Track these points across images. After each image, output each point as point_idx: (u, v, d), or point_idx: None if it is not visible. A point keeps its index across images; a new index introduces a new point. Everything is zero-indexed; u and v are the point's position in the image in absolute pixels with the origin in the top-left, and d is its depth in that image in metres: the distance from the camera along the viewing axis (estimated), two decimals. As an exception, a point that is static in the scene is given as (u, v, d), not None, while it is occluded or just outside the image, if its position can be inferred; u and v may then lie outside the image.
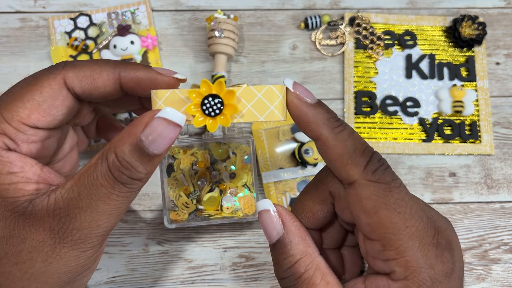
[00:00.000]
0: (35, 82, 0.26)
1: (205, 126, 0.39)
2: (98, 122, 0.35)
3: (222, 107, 0.25)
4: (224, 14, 0.44)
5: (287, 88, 0.25)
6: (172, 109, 0.23)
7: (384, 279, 0.23)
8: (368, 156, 0.24)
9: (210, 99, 0.24)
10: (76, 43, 0.45)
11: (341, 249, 0.29)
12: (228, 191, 0.39)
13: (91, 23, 0.46)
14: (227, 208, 0.39)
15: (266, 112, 0.25)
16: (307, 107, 0.24)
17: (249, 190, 0.39)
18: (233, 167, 0.40)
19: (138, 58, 0.45)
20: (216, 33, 0.43)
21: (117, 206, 0.24)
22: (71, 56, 0.45)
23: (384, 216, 0.22)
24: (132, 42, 0.44)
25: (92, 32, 0.46)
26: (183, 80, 0.28)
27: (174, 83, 0.27)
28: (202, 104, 0.24)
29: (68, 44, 0.45)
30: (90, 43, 0.45)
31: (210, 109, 0.24)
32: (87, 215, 0.24)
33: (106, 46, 0.45)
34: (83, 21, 0.46)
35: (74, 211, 0.23)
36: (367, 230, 0.23)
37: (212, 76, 0.44)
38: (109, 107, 0.32)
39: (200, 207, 0.39)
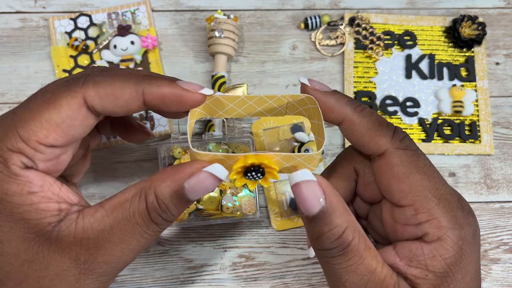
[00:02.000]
0: (53, 100, 0.24)
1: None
2: (112, 122, 0.34)
3: (263, 175, 0.25)
4: (224, 14, 0.44)
5: (304, 84, 0.26)
6: (220, 166, 0.24)
7: (416, 243, 0.23)
8: (392, 128, 0.25)
9: (254, 173, 0.25)
10: (76, 43, 0.45)
11: None
12: (228, 191, 0.39)
13: (91, 23, 0.46)
14: (227, 208, 0.39)
15: (300, 167, 0.25)
16: (327, 95, 0.26)
17: (249, 190, 0.39)
18: (233, 167, 0.40)
19: (138, 58, 0.45)
20: (216, 33, 0.43)
21: (146, 244, 0.24)
22: (71, 56, 0.45)
23: (415, 180, 0.24)
24: (132, 42, 0.44)
25: (92, 32, 0.46)
26: (211, 96, 0.27)
27: (201, 99, 0.26)
28: (245, 174, 0.25)
29: (68, 44, 0.45)
30: (90, 43, 0.45)
31: (252, 178, 0.25)
32: (117, 250, 0.24)
33: (106, 46, 0.45)
34: (83, 21, 0.46)
35: (105, 244, 0.23)
36: (399, 197, 0.24)
37: (212, 76, 0.44)
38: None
39: (200, 207, 0.39)
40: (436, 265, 0.23)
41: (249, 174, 0.25)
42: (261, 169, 0.24)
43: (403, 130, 0.26)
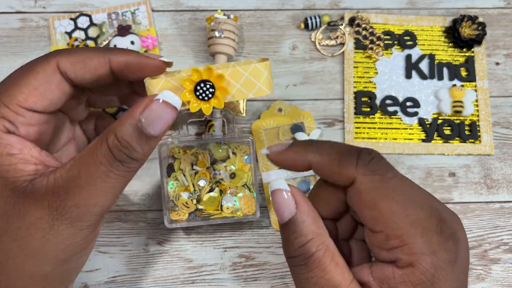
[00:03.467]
0: (31, 68, 0.27)
1: (205, 118, 0.40)
2: (96, 123, 0.35)
3: (214, 91, 0.27)
4: (224, 14, 0.44)
5: (267, 154, 0.27)
6: (170, 92, 0.25)
7: (390, 267, 0.23)
8: (356, 153, 0.24)
9: (202, 84, 0.26)
10: (76, 43, 0.45)
11: (350, 241, 0.29)
12: (228, 191, 0.39)
13: (91, 23, 0.46)
14: (227, 208, 0.39)
15: (254, 89, 0.27)
16: (287, 151, 0.26)
17: (249, 190, 0.39)
18: (233, 167, 0.40)
19: (138, 58, 0.45)
20: (216, 33, 0.43)
21: (114, 184, 0.25)
22: (71, 56, 0.45)
23: (384, 207, 0.23)
24: (132, 42, 0.44)
25: (93, 32, 0.46)
26: (169, 63, 0.29)
27: (161, 65, 0.29)
28: (195, 90, 0.26)
29: (68, 44, 0.45)
30: (90, 43, 0.45)
31: (204, 94, 0.27)
32: (85, 193, 0.25)
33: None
34: (83, 21, 0.46)
35: (73, 189, 0.25)
36: (371, 223, 0.24)
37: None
38: (102, 93, 0.33)
39: (200, 207, 0.39)
40: None
41: (198, 88, 0.26)
42: (209, 83, 0.26)
43: (372, 151, 0.25)
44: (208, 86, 0.26)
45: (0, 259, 0.25)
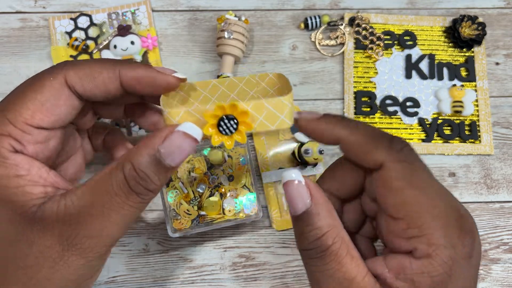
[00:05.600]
0: (37, 83, 0.26)
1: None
2: (105, 138, 0.35)
3: (237, 126, 0.26)
4: (235, 16, 0.44)
5: (296, 119, 0.27)
6: (192, 124, 0.24)
7: (406, 257, 0.23)
8: (389, 138, 0.24)
9: (226, 120, 0.25)
10: (76, 43, 0.45)
11: (356, 236, 0.29)
12: (228, 194, 0.39)
13: (92, 23, 0.46)
14: (229, 211, 0.39)
15: (277, 121, 0.26)
16: (317, 121, 0.26)
17: (249, 190, 0.39)
18: (230, 170, 0.40)
19: (138, 58, 0.45)
20: (226, 34, 0.43)
21: (128, 216, 0.24)
22: (71, 56, 0.45)
23: (410, 196, 0.23)
24: (132, 42, 0.44)
25: (93, 32, 0.46)
26: (183, 80, 0.28)
27: (174, 82, 0.27)
28: (219, 125, 0.25)
29: (68, 44, 0.45)
30: (90, 43, 0.45)
31: (227, 130, 0.25)
32: (98, 224, 0.24)
33: (107, 46, 0.45)
34: (83, 21, 0.46)
35: (86, 218, 0.23)
36: (393, 210, 0.23)
37: (218, 76, 0.44)
38: (109, 105, 0.32)
39: (202, 213, 0.39)
40: (423, 282, 0.22)
41: (222, 124, 0.25)
42: (233, 119, 0.25)
43: (403, 140, 0.25)
44: (232, 122, 0.25)
45: (6, 286, 0.24)
